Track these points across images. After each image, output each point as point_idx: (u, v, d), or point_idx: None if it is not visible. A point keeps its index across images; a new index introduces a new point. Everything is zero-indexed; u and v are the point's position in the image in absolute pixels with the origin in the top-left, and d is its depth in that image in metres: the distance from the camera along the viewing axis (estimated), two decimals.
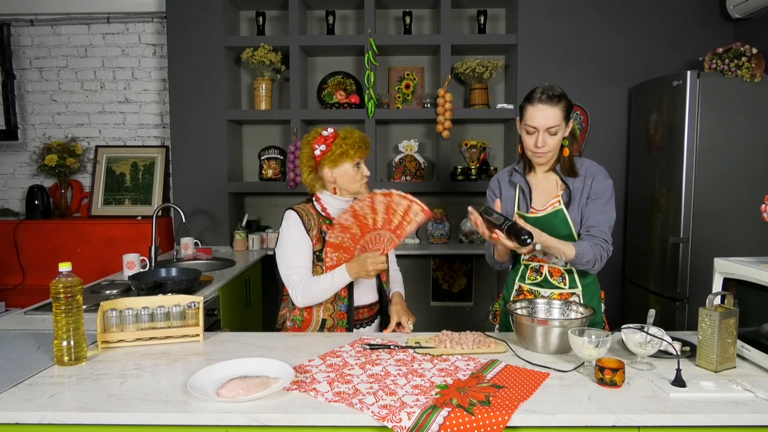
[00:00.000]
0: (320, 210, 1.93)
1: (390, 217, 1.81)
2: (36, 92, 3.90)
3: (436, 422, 1.16)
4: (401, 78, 3.73)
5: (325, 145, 1.87)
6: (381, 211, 1.81)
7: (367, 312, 1.97)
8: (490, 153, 3.80)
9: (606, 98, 3.48)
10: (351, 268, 1.80)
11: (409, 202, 1.81)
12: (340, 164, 1.87)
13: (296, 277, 1.85)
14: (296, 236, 1.87)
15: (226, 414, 1.21)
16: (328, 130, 1.90)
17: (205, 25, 3.48)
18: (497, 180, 1.96)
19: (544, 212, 1.81)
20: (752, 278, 1.48)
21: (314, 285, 1.83)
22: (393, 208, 1.80)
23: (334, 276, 1.81)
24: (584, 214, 1.79)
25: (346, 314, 1.89)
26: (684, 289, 2.85)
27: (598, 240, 1.73)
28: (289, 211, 1.92)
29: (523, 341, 1.61)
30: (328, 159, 1.87)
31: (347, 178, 1.89)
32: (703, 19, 3.44)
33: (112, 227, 3.53)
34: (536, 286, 1.86)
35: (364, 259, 1.77)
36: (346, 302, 1.89)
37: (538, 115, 1.73)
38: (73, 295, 1.47)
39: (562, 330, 1.53)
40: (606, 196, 1.79)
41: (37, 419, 1.21)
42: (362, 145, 1.89)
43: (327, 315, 1.89)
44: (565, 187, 1.81)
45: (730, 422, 1.20)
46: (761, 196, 2.57)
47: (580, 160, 1.84)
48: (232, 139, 3.67)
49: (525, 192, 1.86)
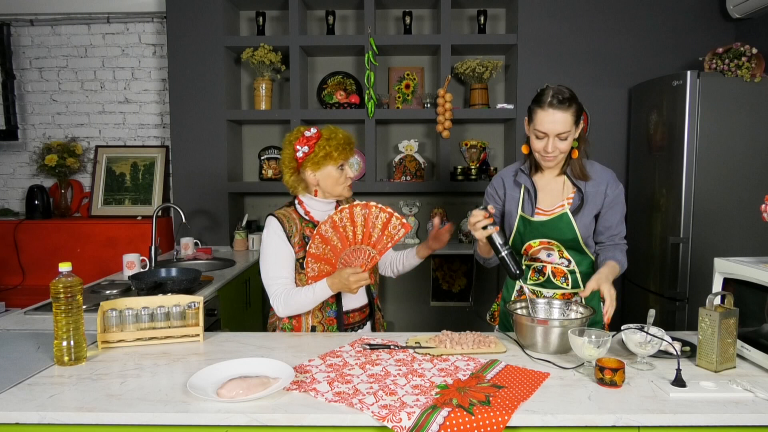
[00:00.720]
0: (303, 214, 1.86)
1: (369, 231, 1.76)
2: (36, 92, 3.90)
3: (436, 422, 1.16)
4: (401, 78, 3.73)
5: (307, 147, 1.78)
6: (360, 224, 1.76)
7: (358, 315, 1.91)
8: (490, 153, 3.80)
9: (606, 98, 3.48)
10: (333, 283, 1.73)
11: (388, 215, 1.75)
12: (323, 167, 1.79)
13: (276, 288, 1.79)
14: (276, 245, 1.80)
15: (226, 414, 1.21)
16: (311, 130, 1.81)
17: (205, 25, 3.48)
18: (501, 179, 1.93)
19: (552, 215, 1.79)
20: (752, 278, 1.48)
21: (296, 297, 1.76)
22: (372, 221, 1.75)
23: (315, 290, 1.75)
24: (603, 221, 1.82)
25: (335, 320, 1.85)
26: (684, 289, 2.85)
27: (622, 246, 1.85)
28: (270, 217, 1.83)
29: (524, 341, 1.61)
30: (310, 161, 1.78)
31: (330, 180, 1.81)
32: (703, 19, 3.44)
33: (112, 227, 3.53)
34: (539, 287, 1.86)
35: (347, 276, 1.70)
36: (334, 308, 1.85)
37: (548, 120, 1.68)
38: (73, 295, 1.48)
39: (562, 330, 1.53)
40: (622, 202, 1.83)
41: (37, 419, 1.21)
42: (346, 146, 1.81)
43: (316, 322, 1.84)
44: (577, 190, 1.80)
45: (730, 422, 1.20)
46: (761, 196, 2.57)
47: (590, 163, 1.83)
48: (232, 139, 3.67)
49: (530, 193, 1.84)
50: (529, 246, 1.84)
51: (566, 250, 1.81)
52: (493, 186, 1.95)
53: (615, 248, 1.82)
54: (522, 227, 1.84)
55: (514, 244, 1.88)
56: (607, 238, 1.83)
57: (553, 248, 1.81)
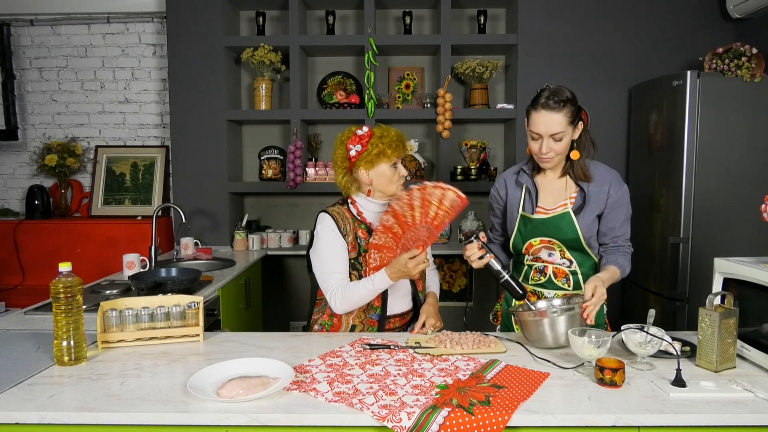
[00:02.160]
0: (356, 214, 1.85)
1: (426, 209, 1.69)
2: (36, 92, 3.90)
3: (436, 422, 1.16)
4: (401, 78, 3.73)
5: (360, 145, 1.77)
6: (417, 206, 1.70)
7: (399, 321, 1.91)
8: (490, 153, 3.80)
9: (606, 98, 3.48)
10: (392, 272, 1.70)
11: (443, 190, 1.67)
12: (376, 165, 1.78)
13: (333, 283, 1.77)
14: (332, 239, 1.79)
15: (226, 414, 1.20)
16: (362, 129, 1.80)
17: (205, 25, 3.48)
18: (503, 180, 1.94)
19: (553, 213, 1.79)
20: (752, 278, 1.48)
21: (354, 290, 1.74)
22: (428, 199, 1.69)
23: (374, 281, 1.72)
24: (607, 222, 1.80)
25: (377, 323, 1.84)
26: (684, 289, 2.85)
27: (625, 248, 1.82)
28: (323, 214, 1.83)
29: (531, 339, 1.61)
30: (364, 159, 1.77)
31: (384, 179, 1.80)
32: (703, 19, 3.44)
33: (112, 227, 3.53)
34: (540, 287, 1.86)
35: (404, 263, 1.66)
36: (378, 311, 1.84)
37: (540, 122, 1.70)
38: (73, 295, 1.47)
39: (568, 317, 1.53)
40: (626, 203, 1.81)
41: (37, 419, 1.21)
42: (399, 143, 1.80)
43: (357, 321, 1.84)
44: (579, 190, 1.80)
45: (730, 422, 1.20)
46: (761, 196, 2.56)
47: (594, 164, 1.83)
48: (232, 139, 3.67)
49: (531, 192, 1.85)
50: (530, 245, 1.84)
51: (568, 250, 1.80)
52: (495, 187, 1.96)
53: (618, 252, 1.81)
54: (523, 226, 1.84)
55: (515, 244, 1.88)
56: (610, 239, 1.82)
57: (554, 248, 1.81)
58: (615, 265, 1.76)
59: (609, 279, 1.69)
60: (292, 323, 3.92)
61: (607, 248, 1.83)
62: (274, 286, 3.92)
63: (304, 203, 3.90)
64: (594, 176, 1.79)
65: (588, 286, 1.62)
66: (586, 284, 1.63)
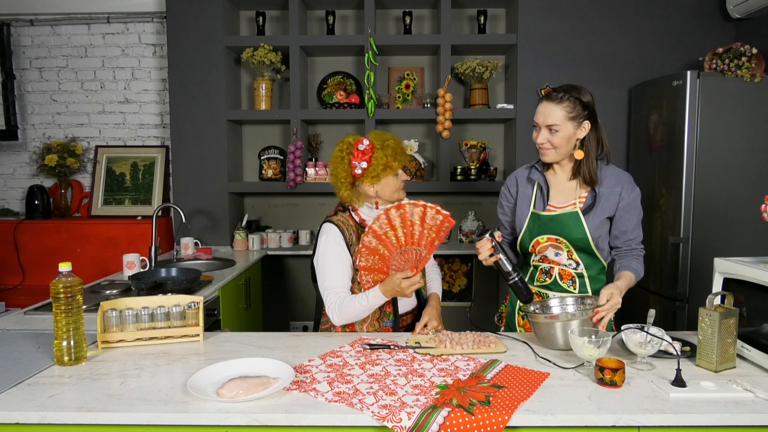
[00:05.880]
0: (359, 221, 1.87)
1: (410, 229, 1.71)
2: (36, 92, 3.90)
3: (436, 422, 1.16)
4: (401, 78, 3.73)
5: (366, 162, 1.76)
6: (398, 225, 1.70)
7: (409, 318, 1.95)
8: (490, 153, 3.80)
9: (606, 98, 3.48)
10: (386, 290, 1.72)
11: (422, 208, 1.68)
12: (382, 178, 1.80)
13: (333, 297, 1.78)
14: (337, 252, 1.79)
15: (226, 414, 1.21)
16: (363, 142, 1.78)
17: (205, 25, 3.48)
18: (514, 177, 1.95)
19: (562, 211, 1.80)
20: (752, 278, 1.48)
21: (350, 305, 1.76)
22: (409, 219, 1.69)
23: (369, 298, 1.74)
24: (619, 225, 1.80)
25: (391, 329, 1.86)
26: (684, 289, 2.85)
27: (638, 252, 1.83)
28: (328, 224, 1.82)
29: (540, 338, 1.61)
30: (369, 175, 1.78)
31: (389, 189, 1.82)
32: (703, 19, 3.44)
33: (112, 227, 3.53)
34: (545, 289, 1.85)
35: (398, 282, 1.68)
36: (391, 318, 1.86)
37: (540, 111, 1.76)
38: (73, 295, 1.47)
39: (581, 322, 1.54)
40: (638, 206, 1.81)
41: (37, 419, 1.21)
42: (400, 152, 1.81)
43: (372, 330, 1.85)
44: (590, 191, 1.80)
45: (730, 422, 1.20)
46: (761, 196, 2.57)
47: (606, 167, 1.83)
48: (232, 139, 3.67)
49: (543, 189, 1.85)
50: (537, 242, 1.84)
51: (576, 251, 1.80)
52: (506, 185, 1.98)
53: (631, 256, 1.81)
54: (531, 224, 1.84)
55: (523, 241, 1.88)
56: (623, 243, 1.82)
57: (561, 247, 1.81)
58: (630, 270, 1.76)
59: (626, 287, 1.70)
60: (292, 323, 3.92)
61: (620, 252, 1.83)
62: (274, 286, 3.92)
63: (304, 203, 3.90)
64: (606, 178, 1.80)
65: (604, 291, 1.61)
66: (602, 290, 1.63)
